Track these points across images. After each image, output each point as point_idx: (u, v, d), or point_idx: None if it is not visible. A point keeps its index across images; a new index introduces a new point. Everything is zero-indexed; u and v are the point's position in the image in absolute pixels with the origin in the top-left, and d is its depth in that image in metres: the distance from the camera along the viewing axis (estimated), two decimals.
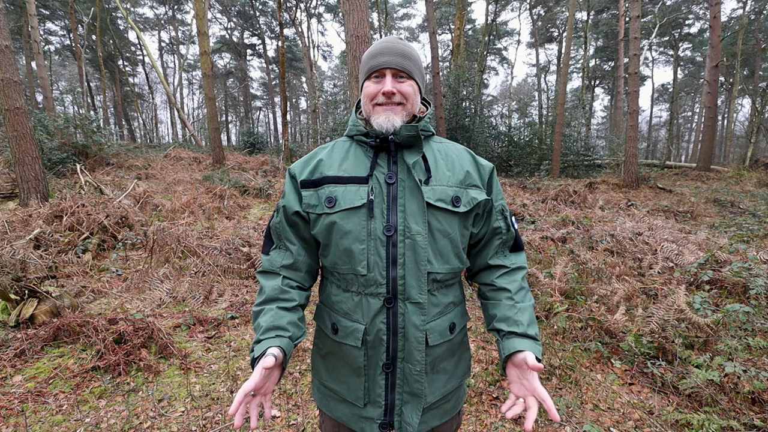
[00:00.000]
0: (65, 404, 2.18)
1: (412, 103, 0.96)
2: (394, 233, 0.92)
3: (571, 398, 2.32)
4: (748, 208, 8.00)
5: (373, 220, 0.92)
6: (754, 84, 21.88)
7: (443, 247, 0.95)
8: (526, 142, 16.58)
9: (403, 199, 0.93)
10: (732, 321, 2.71)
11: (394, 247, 0.92)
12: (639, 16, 10.51)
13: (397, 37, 0.99)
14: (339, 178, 0.96)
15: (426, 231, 0.92)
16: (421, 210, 0.92)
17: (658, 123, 42.42)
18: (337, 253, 0.96)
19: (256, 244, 4.93)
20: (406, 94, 0.94)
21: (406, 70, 0.94)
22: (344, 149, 1.01)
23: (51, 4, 22.86)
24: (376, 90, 0.95)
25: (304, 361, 2.75)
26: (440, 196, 0.94)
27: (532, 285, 3.96)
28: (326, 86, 21.91)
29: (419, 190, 0.92)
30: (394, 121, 0.93)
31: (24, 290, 3.15)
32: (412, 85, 0.96)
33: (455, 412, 1.09)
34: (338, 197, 0.94)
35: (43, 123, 9.29)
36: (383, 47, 0.95)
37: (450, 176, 0.97)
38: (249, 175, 10.92)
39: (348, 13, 5.16)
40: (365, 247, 0.93)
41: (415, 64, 0.97)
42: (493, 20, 24.71)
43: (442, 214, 0.94)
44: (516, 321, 0.94)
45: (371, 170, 0.94)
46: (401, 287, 0.92)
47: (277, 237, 1.02)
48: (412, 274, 0.92)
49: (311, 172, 0.99)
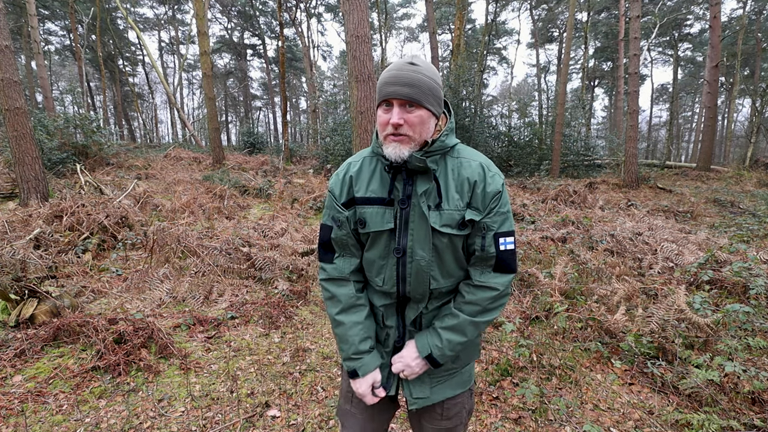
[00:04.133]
0: (65, 404, 2.18)
1: (420, 133, 1.00)
2: (403, 255, 1.04)
3: (571, 398, 2.32)
4: (748, 208, 8.00)
5: (392, 242, 1.05)
6: (754, 84, 21.87)
7: (449, 265, 1.07)
8: (526, 142, 16.57)
9: (414, 223, 1.03)
10: (732, 321, 2.71)
11: (403, 267, 1.05)
12: (639, 16, 10.51)
13: (409, 61, 1.00)
14: (367, 200, 1.07)
15: (430, 255, 1.04)
16: (427, 237, 1.02)
17: (658, 123, 42.41)
18: (368, 261, 1.12)
19: (256, 244, 4.93)
20: (413, 124, 0.98)
21: (414, 100, 0.96)
22: (371, 168, 1.09)
23: (51, 4, 22.87)
24: (386, 120, 0.99)
25: (305, 361, 2.75)
26: (446, 222, 1.02)
27: (532, 285, 3.96)
28: (326, 86, 21.89)
29: (426, 218, 1.01)
30: (402, 152, 0.99)
31: (24, 290, 3.15)
32: (421, 114, 0.98)
33: (466, 387, 1.19)
34: (367, 219, 1.06)
35: (43, 123, 9.29)
36: (392, 76, 0.98)
37: (458, 200, 1.03)
38: (249, 175, 10.92)
39: (348, 13, 5.16)
40: (385, 264, 1.08)
41: (426, 89, 0.98)
42: (493, 20, 24.70)
43: (448, 239, 1.03)
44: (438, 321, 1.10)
45: (390, 191, 1.04)
46: (410, 296, 1.10)
47: (341, 247, 1.14)
48: (418, 290, 1.08)
49: (346, 194, 1.10)
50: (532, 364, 2.61)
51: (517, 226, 6.73)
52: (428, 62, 1.03)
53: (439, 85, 1.02)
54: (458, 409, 1.19)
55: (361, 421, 1.21)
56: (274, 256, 4.44)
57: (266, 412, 2.19)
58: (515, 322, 3.21)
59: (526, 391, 2.25)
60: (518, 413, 2.20)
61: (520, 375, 2.54)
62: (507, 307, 3.67)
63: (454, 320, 1.07)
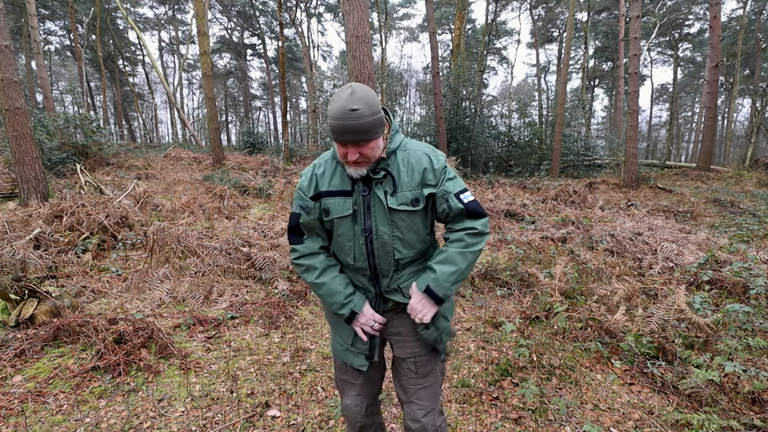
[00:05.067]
0: (65, 404, 2.18)
1: (375, 155, 1.20)
2: (370, 233, 1.26)
3: (571, 398, 2.32)
4: (748, 208, 8.00)
5: (356, 225, 1.27)
6: (754, 84, 21.87)
7: (409, 237, 1.28)
8: (526, 142, 16.57)
9: (375, 207, 1.25)
10: (732, 321, 2.71)
11: (370, 243, 1.27)
12: (639, 16, 10.51)
13: (350, 108, 1.09)
14: (330, 192, 1.28)
15: (391, 231, 1.26)
16: (386, 216, 1.25)
17: (658, 123, 42.38)
18: (336, 245, 1.34)
19: (256, 244, 4.93)
20: (367, 155, 1.18)
21: (364, 140, 1.14)
22: (332, 168, 1.31)
23: (51, 4, 22.86)
24: (343, 153, 1.18)
25: (305, 361, 2.75)
26: (402, 201, 1.24)
27: (532, 285, 3.96)
28: (326, 86, 21.88)
29: (383, 201, 1.24)
30: (361, 172, 1.22)
31: (24, 290, 3.15)
32: (372, 145, 1.17)
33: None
34: (330, 208, 1.28)
35: (43, 123, 9.28)
36: (340, 126, 1.11)
37: (409, 182, 1.25)
38: (249, 175, 10.91)
39: (348, 13, 5.15)
40: (351, 244, 1.29)
41: (371, 127, 1.13)
42: (493, 20, 24.69)
43: (406, 214, 1.26)
44: (430, 262, 1.29)
45: (353, 186, 1.25)
46: (379, 269, 1.31)
47: (309, 230, 1.35)
48: (385, 261, 1.29)
49: (313, 189, 1.31)
50: (532, 364, 2.61)
51: (517, 226, 6.73)
52: (366, 94, 1.12)
53: (379, 110, 1.16)
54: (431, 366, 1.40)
55: (357, 386, 1.44)
56: (274, 256, 4.44)
57: (266, 412, 2.19)
58: (515, 322, 3.21)
59: (526, 391, 2.25)
60: (518, 413, 2.20)
61: (520, 375, 2.53)
62: (507, 307, 3.67)
63: (443, 254, 1.26)
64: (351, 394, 1.45)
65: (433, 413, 1.39)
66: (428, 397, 1.39)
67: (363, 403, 1.45)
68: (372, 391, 1.48)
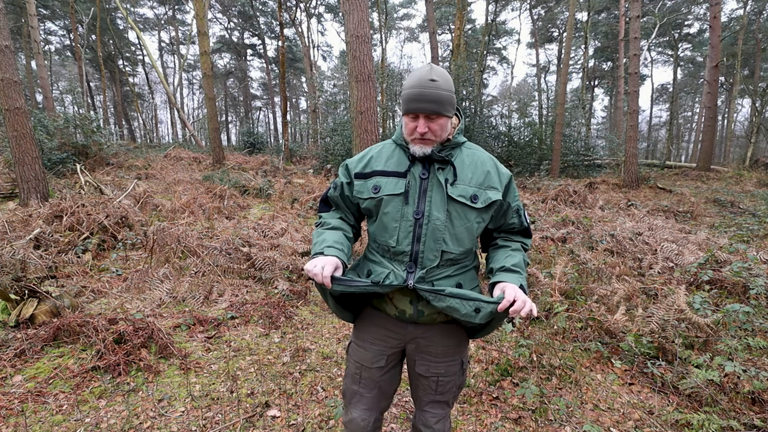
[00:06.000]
0: (65, 404, 2.18)
1: (441, 135, 1.20)
2: (422, 217, 1.20)
3: (571, 398, 2.32)
4: (748, 208, 8.00)
5: (407, 206, 1.21)
6: (754, 84, 21.87)
7: (459, 232, 1.22)
8: (526, 142, 16.56)
9: (432, 191, 1.21)
10: (732, 321, 2.71)
11: (420, 228, 1.20)
12: (639, 16, 10.50)
13: (430, 78, 1.14)
14: (384, 172, 1.25)
15: (445, 218, 1.20)
16: (443, 201, 1.20)
17: (658, 123, 42.37)
18: (380, 226, 1.26)
19: (256, 244, 4.93)
20: (435, 131, 1.18)
21: (437, 112, 1.15)
22: (391, 150, 1.30)
23: (51, 4, 22.86)
24: (413, 127, 1.19)
25: (305, 361, 2.75)
26: (461, 193, 1.20)
27: (532, 285, 3.96)
28: (326, 86, 21.89)
29: (443, 187, 1.20)
30: (426, 150, 1.20)
31: (24, 290, 3.15)
32: (442, 122, 1.18)
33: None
34: (382, 185, 1.24)
35: (43, 123, 9.29)
36: (417, 94, 1.14)
37: (471, 178, 1.23)
38: (249, 175, 10.91)
39: (348, 13, 5.15)
40: (397, 226, 1.22)
41: (446, 102, 1.16)
42: (493, 20, 24.69)
43: (462, 207, 1.21)
44: (505, 263, 1.24)
45: (409, 168, 1.23)
46: (420, 258, 1.21)
47: (335, 204, 1.38)
48: (431, 250, 1.20)
49: (364, 166, 1.30)
50: (532, 364, 2.61)
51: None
52: (444, 72, 1.18)
53: (453, 93, 1.19)
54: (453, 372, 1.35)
55: (369, 399, 1.36)
56: (274, 256, 4.44)
57: (266, 412, 2.19)
58: (515, 322, 3.21)
59: (526, 391, 2.25)
60: (518, 413, 2.20)
61: (520, 375, 2.53)
62: None
63: (515, 258, 1.25)
64: (360, 408, 1.37)
65: (445, 419, 1.39)
66: (443, 407, 1.38)
67: (371, 418, 1.37)
68: (382, 405, 1.40)
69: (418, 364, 1.33)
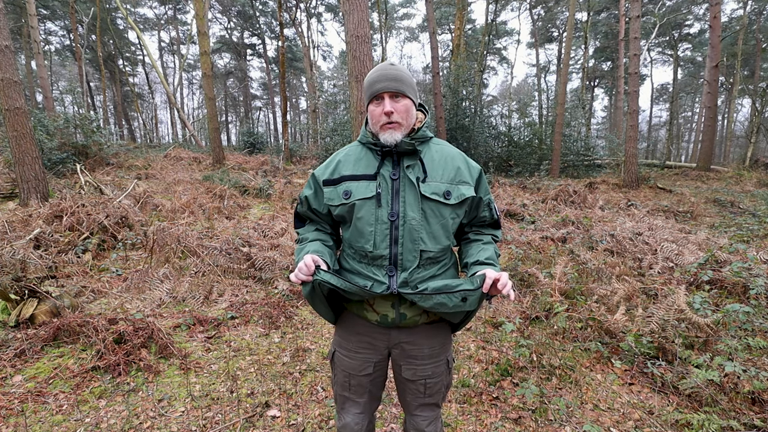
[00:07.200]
0: (65, 404, 2.18)
1: (407, 119, 1.21)
2: (397, 218, 1.18)
3: (571, 398, 2.32)
4: (748, 208, 8.00)
5: (380, 209, 1.19)
6: (754, 84, 21.87)
7: (436, 231, 1.21)
8: (526, 142, 16.55)
9: (404, 191, 1.19)
10: (732, 321, 2.71)
11: (396, 230, 1.18)
12: (639, 16, 10.50)
13: (389, 63, 1.22)
14: (354, 176, 1.23)
15: (420, 217, 1.19)
16: (417, 201, 1.18)
17: (658, 123, 42.36)
18: (355, 231, 1.23)
19: (256, 244, 4.93)
20: (401, 112, 1.19)
21: (400, 91, 1.18)
22: (358, 152, 1.28)
23: (51, 4, 22.86)
24: (379, 112, 1.19)
25: (305, 361, 2.75)
26: (434, 190, 1.19)
27: (532, 285, 3.96)
28: (326, 86, 21.88)
29: (415, 186, 1.18)
30: (396, 136, 1.18)
31: (24, 290, 3.15)
32: (406, 103, 1.20)
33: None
34: (352, 190, 1.21)
35: (43, 123, 9.29)
36: (379, 75, 1.18)
37: (442, 175, 1.22)
38: (249, 175, 10.91)
39: (348, 13, 5.15)
40: (373, 230, 1.19)
41: (408, 84, 1.20)
42: (493, 20, 24.69)
43: (435, 205, 1.20)
44: (479, 257, 1.24)
45: (378, 169, 1.20)
46: (400, 260, 1.19)
47: (307, 218, 1.38)
48: (410, 251, 1.19)
49: (331, 172, 1.27)
50: (532, 364, 2.61)
51: (517, 226, 6.73)
52: (403, 66, 1.24)
53: (414, 83, 1.23)
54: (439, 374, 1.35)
55: (360, 404, 1.38)
56: (274, 256, 4.44)
57: (266, 412, 2.19)
58: (515, 322, 3.21)
59: (526, 391, 2.25)
60: (518, 413, 2.20)
61: (520, 375, 2.53)
62: (507, 307, 3.67)
63: (487, 252, 1.26)
64: (353, 412, 1.39)
65: (436, 421, 1.40)
66: (432, 408, 1.39)
67: (364, 422, 1.40)
68: (373, 407, 1.43)
69: (404, 369, 1.32)
